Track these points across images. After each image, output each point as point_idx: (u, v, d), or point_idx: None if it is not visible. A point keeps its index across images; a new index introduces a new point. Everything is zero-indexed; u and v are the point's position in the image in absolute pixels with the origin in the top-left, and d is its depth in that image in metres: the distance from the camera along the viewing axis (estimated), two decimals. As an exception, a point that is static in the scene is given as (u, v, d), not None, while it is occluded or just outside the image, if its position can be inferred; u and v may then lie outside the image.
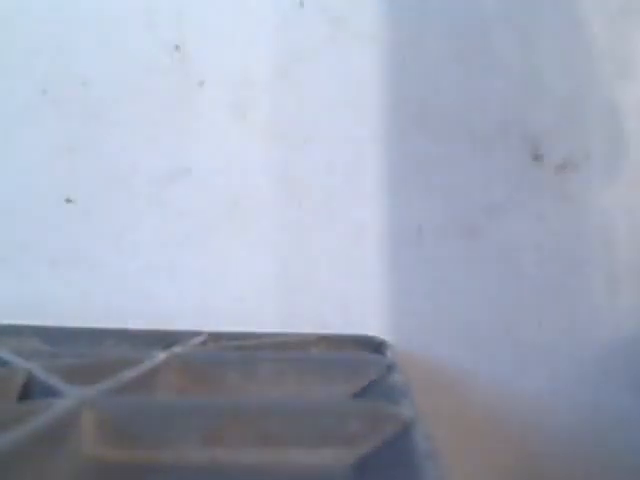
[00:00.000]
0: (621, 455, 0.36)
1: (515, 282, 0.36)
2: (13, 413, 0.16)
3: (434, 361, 0.36)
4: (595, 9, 0.36)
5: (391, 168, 0.36)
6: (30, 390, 0.20)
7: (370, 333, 0.33)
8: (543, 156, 0.36)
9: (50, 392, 0.19)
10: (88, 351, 0.29)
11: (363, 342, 0.31)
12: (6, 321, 0.31)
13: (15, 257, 0.35)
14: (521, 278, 0.36)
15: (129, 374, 0.21)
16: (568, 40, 0.36)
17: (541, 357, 0.36)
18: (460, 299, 0.36)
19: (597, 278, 0.36)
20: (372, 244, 0.36)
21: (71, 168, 0.36)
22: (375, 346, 0.31)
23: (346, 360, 0.27)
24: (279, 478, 0.17)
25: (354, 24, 0.36)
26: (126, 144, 0.36)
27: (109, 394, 0.19)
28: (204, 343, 0.29)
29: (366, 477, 0.17)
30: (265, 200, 0.36)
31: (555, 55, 0.36)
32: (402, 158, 0.36)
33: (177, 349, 0.26)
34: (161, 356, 0.24)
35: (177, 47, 0.35)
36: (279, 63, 0.36)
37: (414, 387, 0.23)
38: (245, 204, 0.36)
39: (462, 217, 0.36)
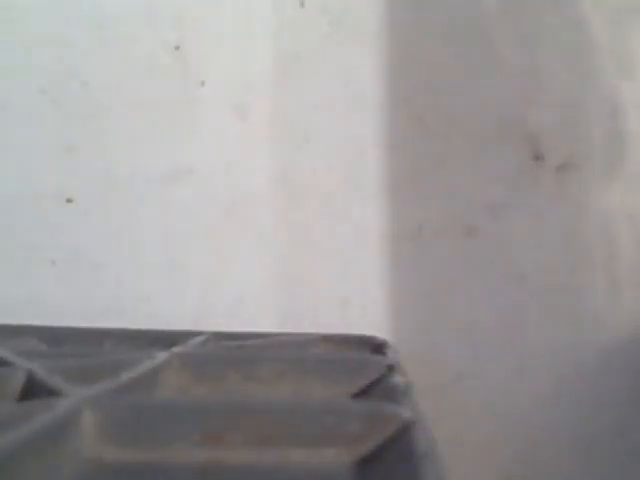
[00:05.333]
0: (621, 455, 0.36)
1: (515, 282, 0.36)
2: (13, 413, 0.16)
3: (434, 361, 0.36)
4: (595, 9, 0.36)
5: (391, 168, 0.36)
6: (30, 390, 0.20)
7: (370, 333, 0.33)
8: (543, 156, 0.36)
9: (50, 392, 0.19)
10: (88, 351, 0.29)
11: (363, 342, 0.31)
12: (6, 321, 0.31)
13: (15, 257, 0.35)
14: (521, 278, 0.36)
15: (129, 374, 0.21)
16: (568, 40, 0.36)
17: (541, 357, 0.36)
18: (460, 299, 0.36)
19: (597, 278, 0.36)
20: (372, 244, 0.36)
21: (71, 168, 0.36)
22: (375, 346, 0.31)
23: (346, 360, 0.27)
24: (279, 478, 0.17)
25: (354, 24, 0.36)
26: (126, 144, 0.36)
27: (109, 394, 0.19)
28: (204, 343, 0.29)
29: (366, 477, 0.17)
30: (265, 200, 0.36)
31: (555, 55, 0.36)
32: (402, 158, 0.36)
33: (177, 349, 0.26)
34: (161, 356, 0.24)
35: (177, 47, 0.36)
36: (279, 63, 0.36)
37: (414, 387, 0.23)
38: (245, 204, 0.36)
39: (462, 217, 0.36)
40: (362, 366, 0.25)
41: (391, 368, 0.25)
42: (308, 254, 0.36)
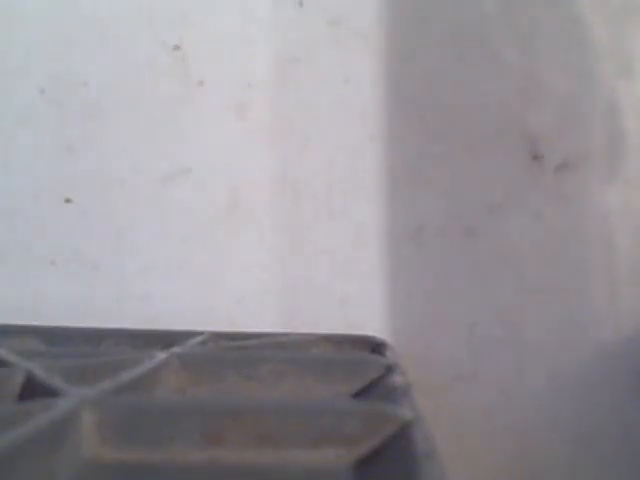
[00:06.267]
0: (621, 455, 0.36)
1: (515, 282, 0.36)
2: (13, 413, 0.16)
3: (434, 361, 0.36)
4: (595, 9, 0.36)
5: (391, 168, 0.36)
6: (30, 390, 0.20)
7: (370, 333, 0.33)
8: (543, 156, 0.36)
9: (50, 392, 0.19)
10: (88, 351, 0.29)
11: (363, 342, 0.31)
12: (6, 321, 0.31)
13: (15, 257, 0.35)
14: (521, 278, 0.36)
15: (129, 374, 0.21)
16: (568, 40, 0.36)
17: (541, 357, 0.36)
18: (460, 299, 0.36)
19: (597, 278, 0.36)
20: (372, 244, 0.36)
21: (71, 168, 0.36)
22: (375, 346, 0.31)
23: (346, 360, 0.27)
24: (279, 478, 0.17)
25: (354, 24, 0.36)
26: (126, 144, 0.36)
27: (109, 394, 0.19)
28: (204, 343, 0.29)
29: (366, 477, 0.17)
30: (265, 200, 0.36)
31: (555, 55, 0.36)
32: (402, 158, 0.36)
33: (177, 349, 0.26)
34: (161, 356, 0.24)
35: (177, 47, 0.36)
36: (279, 63, 0.36)
37: (414, 387, 0.23)
38: (245, 204, 0.36)
39: (462, 217, 0.36)
40: (362, 366, 0.25)
41: (390, 368, 0.25)
42: (308, 254, 0.36)
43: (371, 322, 0.35)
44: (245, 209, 0.36)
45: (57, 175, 0.36)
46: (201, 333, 0.30)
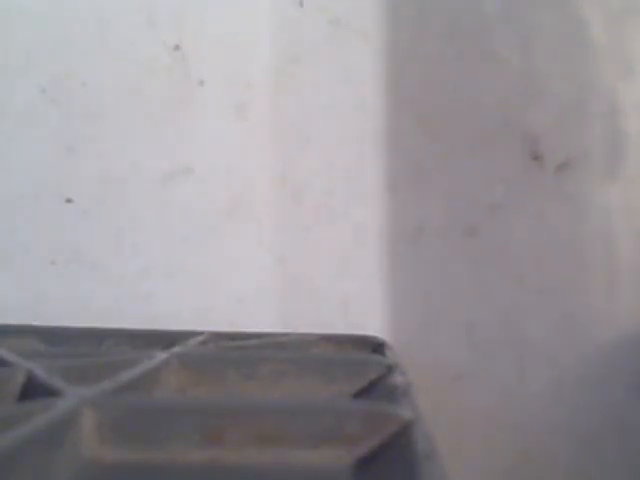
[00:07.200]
0: (621, 455, 0.36)
1: (515, 282, 0.36)
2: (13, 413, 0.16)
3: (434, 361, 0.36)
4: (595, 9, 0.36)
5: (391, 168, 0.36)
6: (30, 390, 0.20)
7: (370, 333, 0.33)
8: (543, 156, 0.36)
9: (50, 392, 0.19)
10: (88, 351, 0.29)
11: (363, 342, 0.31)
12: (6, 321, 0.31)
13: (15, 257, 0.35)
14: (521, 278, 0.36)
15: (129, 374, 0.21)
16: (568, 40, 0.36)
17: (541, 357, 0.36)
18: (460, 299, 0.36)
19: (597, 278, 0.36)
20: (372, 244, 0.36)
21: (71, 168, 0.36)
22: (375, 346, 0.31)
23: (346, 360, 0.27)
24: (279, 478, 0.17)
25: (354, 24, 0.36)
26: (126, 144, 0.36)
27: (109, 394, 0.19)
28: (204, 343, 0.29)
29: (366, 477, 0.17)
30: (265, 200, 0.36)
31: (555, 55, 0.36)
32: (402, 158, 0.36)
33: (177, 349, 0.26)
34: (161, 356, 0.24)
35: (177, 47, 0.36)
36: (279, 63, 0.36)
37: (414, 387, 0.23)
38: (245, 204, 0.36)
39: (462, 217, 0.36)
40: (362, 366, 0.25)
41: (391, 368, 0.25)
42: (308, 254, 0.36)
43: (371, 322, 0.35)
44: (245, 209, 0.36)
45: (57, 175, 0.36)
46: (201, 333, 0.30)
